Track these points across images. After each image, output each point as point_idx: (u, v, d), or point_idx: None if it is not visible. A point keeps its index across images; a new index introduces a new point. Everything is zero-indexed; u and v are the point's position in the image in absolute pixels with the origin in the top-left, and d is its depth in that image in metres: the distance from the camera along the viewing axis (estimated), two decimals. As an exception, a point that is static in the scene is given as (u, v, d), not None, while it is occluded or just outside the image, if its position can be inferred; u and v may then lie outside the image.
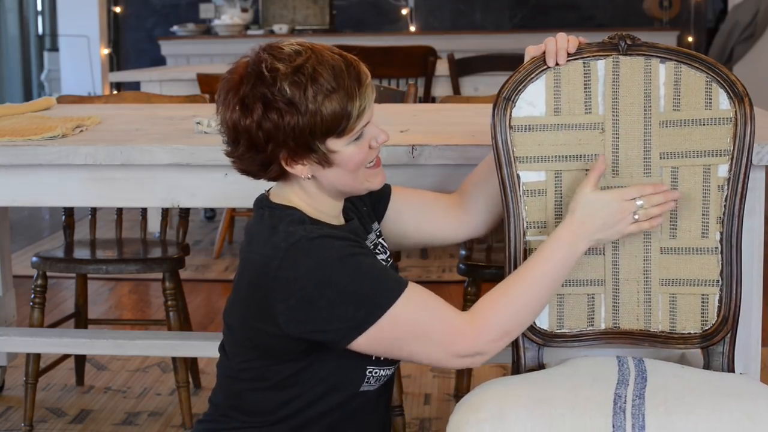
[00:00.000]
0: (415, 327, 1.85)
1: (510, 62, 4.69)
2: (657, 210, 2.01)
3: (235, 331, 1.99)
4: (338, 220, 2.02)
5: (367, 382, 1.97)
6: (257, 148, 1.87)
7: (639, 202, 2.00)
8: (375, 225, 2.15)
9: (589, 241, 1.99)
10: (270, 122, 1.83)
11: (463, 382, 3.26)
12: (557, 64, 2.07)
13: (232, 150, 1.92)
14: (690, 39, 8.06)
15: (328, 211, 1.98)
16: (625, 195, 2.00)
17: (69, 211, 3.48)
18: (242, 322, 1.96)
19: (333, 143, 1.87)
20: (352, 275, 1.83)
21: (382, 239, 2.16)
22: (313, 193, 1.95)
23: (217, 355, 2.09)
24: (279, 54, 1.85)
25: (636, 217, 2.00)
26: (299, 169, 1.90)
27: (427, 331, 1.86)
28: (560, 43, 2.07)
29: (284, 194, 1.97)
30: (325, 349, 1.90)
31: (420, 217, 2.21)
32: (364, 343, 1.85)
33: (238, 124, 1.86)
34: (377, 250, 2.11)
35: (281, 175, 1.93)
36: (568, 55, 2.08)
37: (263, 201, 2.00)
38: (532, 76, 2.10)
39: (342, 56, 1.88)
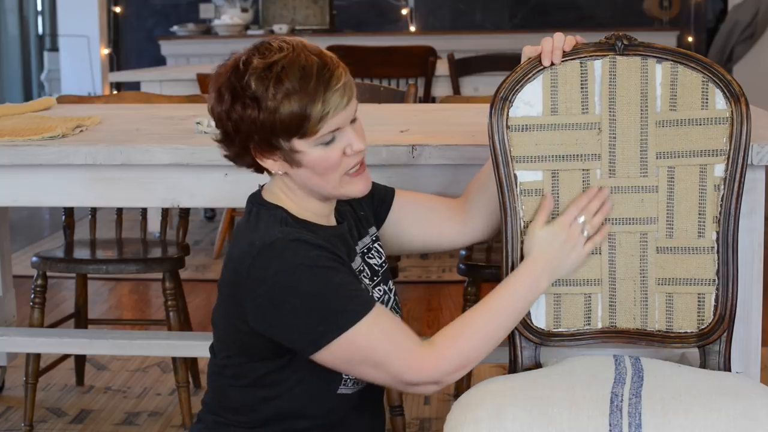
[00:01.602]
0: (372, 353, 1.85)
1: (510, 62, 4.68)
2: (599, 218, 2.05)
3: (218, 327, 2.01)
4: (328, 220, 2.02)
5: (344, 384, 1.97)
6: (229, 137, 1.91)
7: (581, 219, 2.03)
8: (372, 229, 2.15)
9: (551, 275, 2.01)
10: (236, 113, 1.87)
11: (463, 382, 3.27)
12: (552, 64, 2.08)
13: (218, 135, 1.97)
14: (690, 39, 8.06)
15: (316, 211, 1.98)
16: (566, 220, 2.03)
17: (69, 211, 3.49)
18: (222, 318, 1.98)
19: (298, 143, 1.87)
20: (319, 287, 1.83)
21: (378, 244, 2.15)
22: (297, 192, 1.96)
23: (216, 355, 2.10)
24: (264, 50, 1.89)
25: (586, 233, 2.03)
26: (270, 164, 1.92)
27: (384, 358, 1.85)
28: (556, 42, 2.08)
29: (274, 191, 1.99)
30: None
31: (423, 222, 2.21)
32: (321, 358, 1.86)
33: (213, 111, 1.92)
34: (370, 255, 2.11)
35: (258, 167, 1.96)
36: (565, 54, 2.09)
37: (254, 197, 2.01)
38: (529, 76, 2.11)
39: (321, 58, 1.87)
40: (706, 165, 2.08)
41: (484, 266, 3.12)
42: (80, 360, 3.66)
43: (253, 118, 1.85)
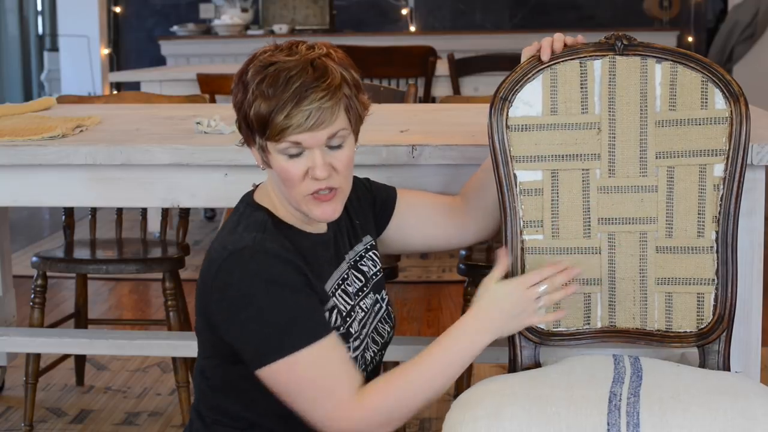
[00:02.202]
0: (306, 386, 1.83)
1: (510, 62, 4.69)
2: (559, 295, 2.01)
3: (196, 325, 2.01)
4: (314, 226, 2.00)
5: None
6: (234, 109, 1.96)
7: (542, 288, 1.99)
8: (367, 238, 2.14)
9: (493, 333, 1.98)
10: (234, 92, 1.93)
11: (464, 382, 3.27)
12: (553, 52, 2.08)
13: None
14: (690, 39, 8.06)
15: (300, 215, 1.98)
16: (526, 282, 2.00)
17: (69, 211, 3.49)
18: (197, 315, 1.98)
19: (268, 144, 1.89)
20: (273, 304, 1.83)
21: (374, 252, 2.14)
22: (278, 188, 1.96)
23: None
24: (286, 47, 1.92)
25: (541, 304, 1.99)
26: (254, 154, 1.96)
27: (316, 396, 1.83)
28: (557, 37, 2.09)
29: (266, 189, 2.00)
30: None
31: (425, 223, 2.21)
32: (264, 377, 1.85)
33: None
34: (362, 263, 2.10)
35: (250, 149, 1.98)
36: (565, 53, 2.09)
37: (246, 196, 2.03)
38: (529, 76, 2.11)
39: (319, 74, 1.87)
40: (705, 165, 2.08)
41: (484, 266, 3.12)
42: (80, 360, 3.67)
43: (240, 103, 1.91)
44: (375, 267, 2.13)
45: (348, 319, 1.99)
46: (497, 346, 2.73)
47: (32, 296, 3.23)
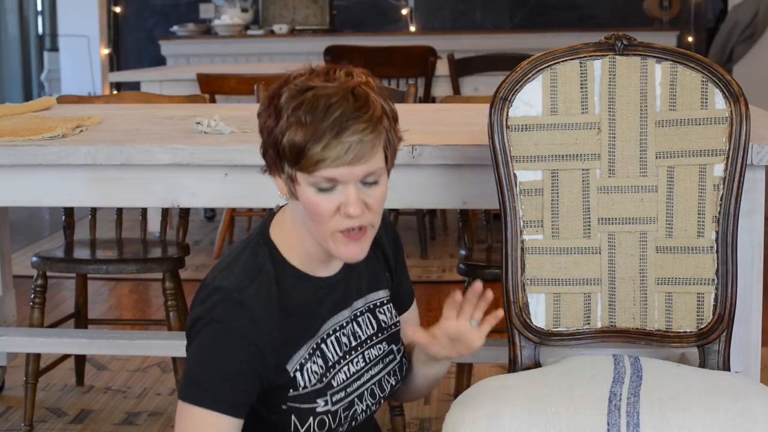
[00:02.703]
0: None
1: (510, 62, 4.69)
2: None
3: None
4: (323, 269, 1.92)
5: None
6: (260, 134, 1.86)
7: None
8: (380, 293, 2.04)
9: None
10: (263, 117, 1.84)
11: (463, 382, 3.27)
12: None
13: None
14: (690, 39, 8.06)
15: (314, 252, 1.88)
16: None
17: (69, 211, 3.49)
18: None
19: (298, 175, 1.78)
20: (210, 352, 1.79)
21: (391, 306, 2.06)
22: (302, 221, 1.86)
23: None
24: (322, 72, 1.81)
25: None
26: (279, 184, 1.85)
27: None
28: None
29: (284, 216, 1.91)
30: None
31: None
32: (177, 410, 1.83)
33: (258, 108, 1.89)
34: (381, 310, 2.02)
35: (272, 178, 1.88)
36: (563, 60, 2.08)
37: (265, 220, 1.95)
38: (529, 75, 2.11)
39: (359, 104, 1.76)
40: (705, 165, 2.08)
41: (484, 266, 3.12)
42: (80, 360, 3.67)
43: (270, 127, 1.80)
44: (393, 318, 2.04)
45: (332, 370, 1.91)
46: (497, 346, 2.74)
47: (32, 296, 3.23)
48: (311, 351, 1.89)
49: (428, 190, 2.49)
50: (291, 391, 1.86)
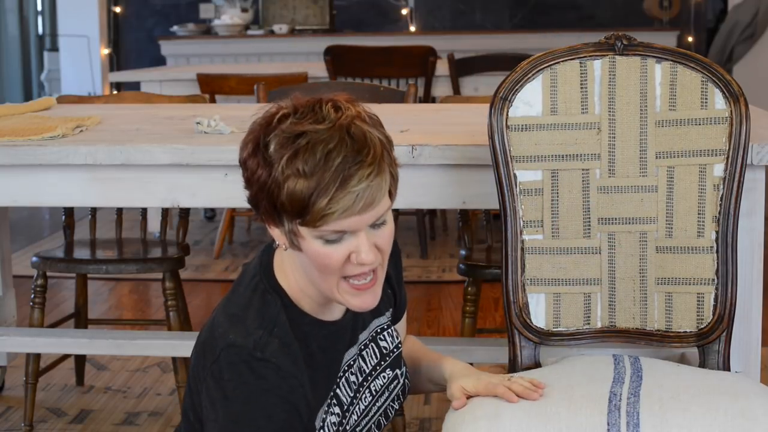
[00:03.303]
0: None
1: (510, 62, 4.70)
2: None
3: (187, 391, 1.86)
4: (331, 310, 1.81)
5: None
6: (246, 185, 1.74)
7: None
8: (390, 312, 1.97)
9: None
10: (250, 167, 1.70)
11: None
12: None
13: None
14: (690, 39, 8.06)
15: (317, 299, 1.78)
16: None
17: (69, 211, 3.49)
18: (189, 383, 1.84)
19: (300, 228, 1.66)
20: (244, 420, 1.65)
21: (394, 328, 1.98)
22: (304, 273, 1.75)
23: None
24: (308, 111, 1.67)
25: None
26: (276, 234, 1.73)
27: None
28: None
29: (284, 262, 1.79)
30: None
31: None
32: None
33: (239, 154, 1.77)
34: (382, 337, 1.94)
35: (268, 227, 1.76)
36: (564, 60, 2.07)
37: (265, 257, 1.82)
38: (529, 75, 2.11)
39: (359, 144, 1.64)
40: (705, 165, 2.08)
41: (484, 266, 3.12)
42: (80, 360, 3.67)
43: (263, 180, 1.66)
44: (394, 342, 1.96)
45: (347, 414, 1.83)
46: (497, 346, 2.74)
47: (32, 296, 3.23)
48: (329, 401, 1.81)
49: (428, 190, 2.49)
50: None
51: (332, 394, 1.81)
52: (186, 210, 3.52)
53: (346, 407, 1.83)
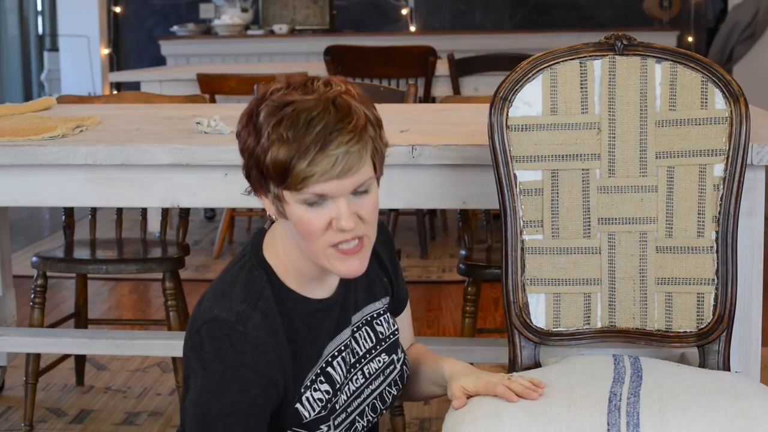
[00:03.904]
0: None
1: (510, 62, 4.70)
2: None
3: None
4: (321, 287, 1.86)
5: None
6: (241, 156, 1.81)
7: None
8: (386, 299, 2.01)
9: None
10: (242, 137, 1.78)
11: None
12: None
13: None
14: (690, 39, 8.06)
15: (308, 272, 1.82)
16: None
17: (69, 211, 3.49)
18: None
19: (285, 193, 1.72)
20: (218, 390, 1.71)
21: (390, 315, 2.01)
22: (293, 245, 1.81)
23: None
24: (299, 84, 1.75)
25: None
26: (266, 204, 1.79)
27: None
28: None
29: (275, 235, 1.85)
30: None
31: None
32: None
33: (236, 127, 1.83)
34: (378, 321, 1.98)
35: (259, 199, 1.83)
36: (564, 60, 2.08)
37: (256, 239, 1.88)
38: (529, 75, 2.11)
39: (342, 114, 1.71)
40: (705, 165, 2.08)
41: (484, 266, 3.12)
42: (80, 360, 3.67)
43: (251, 148, 1.75)
44: (391, 328, 2.00)
45: (339, 392, 1.87)
46: (497, 346, 2.74)
47: (32, 296, 3.23)
48: (314, 377, 1.83)
49: (428, 190, 2.49)
50: (295, 421, 1.80)
51: (319, 371, 1.84)
52: (186, 210, 3.53)
53: (338, 386, 1.86)
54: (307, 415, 1.81)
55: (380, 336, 1.97)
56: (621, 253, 2.12)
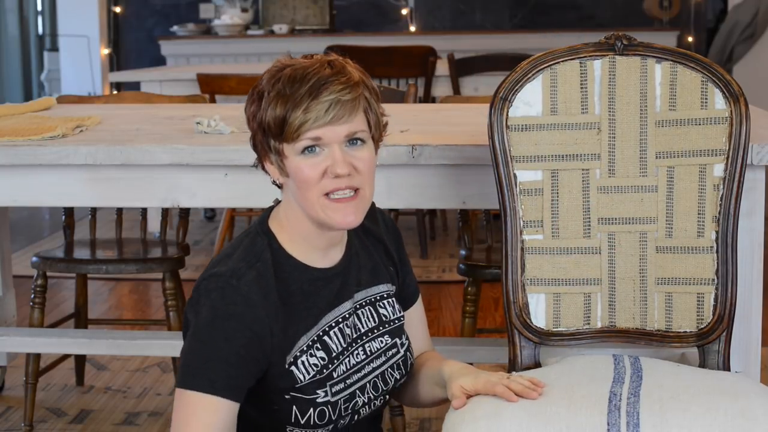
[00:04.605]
0: (176, 423, 1.82)
1: (510, 62, 4.70)
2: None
3: None
4: (324, 257, 1.94)
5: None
6: (249, 127, 1.91)
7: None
8: (393, 288, 2.06)
9: None
10: (248, 109, 1.90)
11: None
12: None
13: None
14: (690, 39, 8.06)
15: (312, 240, 1.91)
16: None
17: (69, 211, 3.49)
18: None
19: (284, 147, 1.84)
20: (207, 338, 1.81)
21: (396, 301, 2.06)
22: (296, 212, 1.90)
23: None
24: (306, 55, 1.90)
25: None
26: (271, 169, 1.90)
27: None
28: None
29: (280, 210, 1.94)
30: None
31: None
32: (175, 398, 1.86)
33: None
34: (382, 304, 2.02)
35: (266, 171, 1.93)
36: (563, 61, 2.08)
37: (263, 214, 1.97)
38: (529, 75, 2.11)
39: (335, 71, 1.84)
40: (705, 165, 2.08)
41: (484, 266, 3.12)
42: (80, 360, 3.67)
43: (254, 113, 1.86)
44: (396, 313, 2.05)
45: (335, 361, 1.92)
46: (497, 346, 2.74)
47: (32, 296, 3.23)
48: (310, 343, 1.90)
49: (428, 190, 2.49)
50: (289, 383, 1.87)
51: (316, 338, 1.91)
52: (186, 210, 3.53)
53: (335, 354, 1.92)
54: (301, 378, 1.88)
55: (384, 318, 2.02)
56: (621, 253, 2.12)
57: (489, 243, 3.36)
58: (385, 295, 2.04)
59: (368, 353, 1.98)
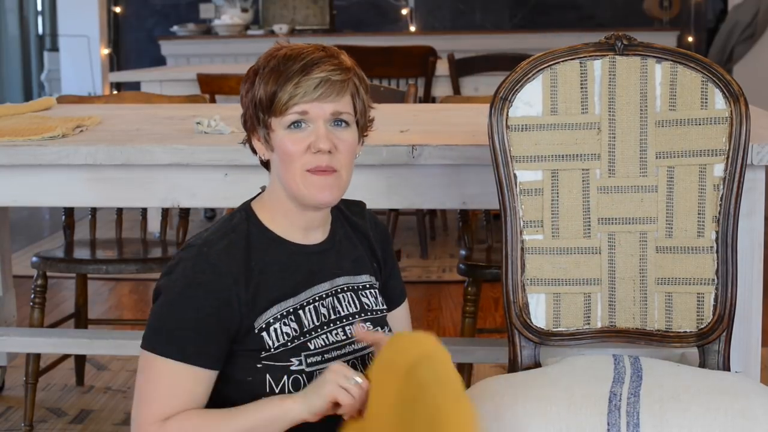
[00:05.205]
0: (142, 386, 1.86)
1: (510, 62, 4.69)
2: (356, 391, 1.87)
3: None
4: (305, 235, 1.97)
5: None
6: (242, 107, 1.96)
7: (358, 380, 1.86)
8: (364, 277, 2.05)
9: (302, 404, 1.85)
10: (243, 91, 1.95)
11: (463, 381, 3.26)
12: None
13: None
14: (690, 39, 8.06)
15: (294, 219, 1.96)
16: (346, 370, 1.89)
17: (69, 211, 3.49)
18: None
19: (272, 121, 1.90)
20: (176, 305, 1.86)
21: (380, 295, 2.06)
22: (278, 188, 1.95)
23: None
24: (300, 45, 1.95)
25: (347, 382, 1.86)
26: (258, 146, 1.96)
27: (140, 400, 1.86)
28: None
29: (264, 194, 2.00)
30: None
31: None
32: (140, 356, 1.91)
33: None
34: (364, 294, 2.02)
35: (254, 151, 1.99)
36: (564, 58, 2.08)
37: (251, 199, 2.03)
38: (529, 75, 2.11)
39: (328, 55, 1.92)
40: (705, 165, 2.08)
41: (484, 266, 3.12)
42: (80, 360, 3.67)
43: (248, 89, 1.92)
44: (379, 305, 2.05)
45: (307, 335, 1.93)
46: (497, 346, 2.74)
47: (32, 296, 3.23)
48: (284, 313, 1.92)
49: (428, 190, 2.49)
50: (259, 346, 1.89)
51: (291, 310, 1.94)
52: (186, 210, 3.52)
53: (306, 330, 1.94)
54: (271, 343, 1.90)
55: (366, 306, 2.03)
56: (621, 253, 2.12)
57: (489, 243, 3.36)
58: (368, 286, 2.06)
59: (349, 335, 1.99)
